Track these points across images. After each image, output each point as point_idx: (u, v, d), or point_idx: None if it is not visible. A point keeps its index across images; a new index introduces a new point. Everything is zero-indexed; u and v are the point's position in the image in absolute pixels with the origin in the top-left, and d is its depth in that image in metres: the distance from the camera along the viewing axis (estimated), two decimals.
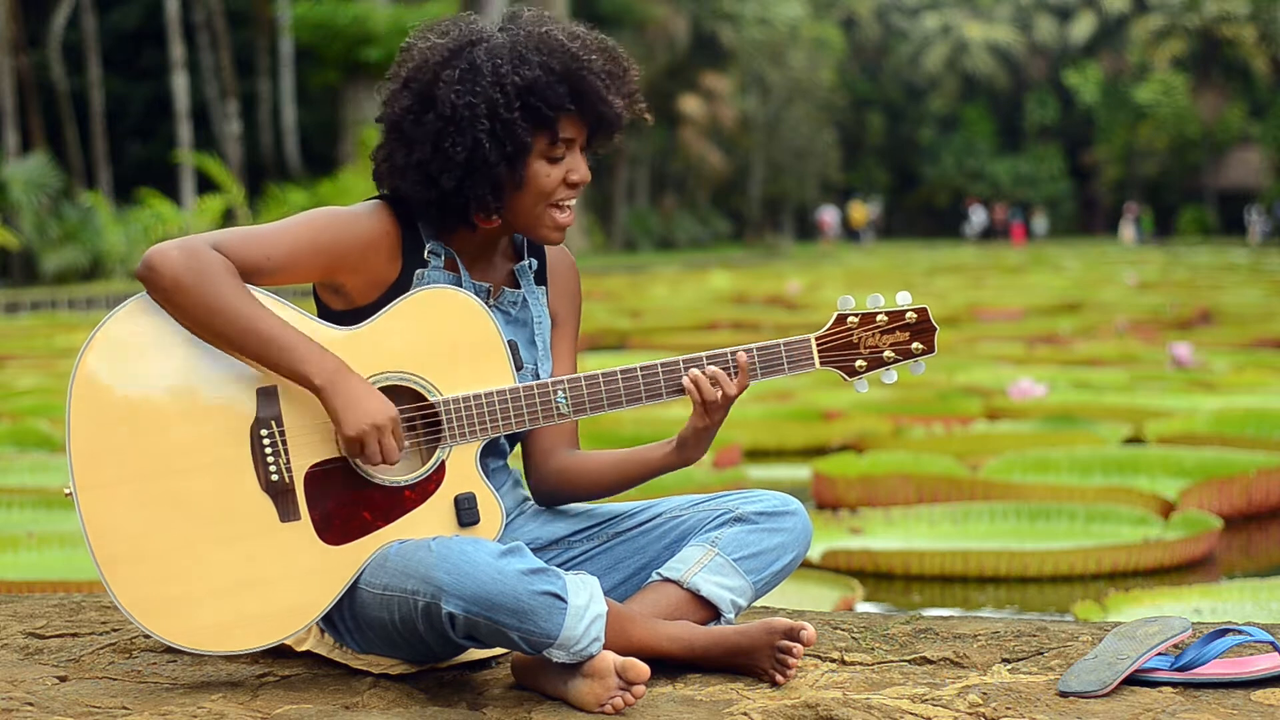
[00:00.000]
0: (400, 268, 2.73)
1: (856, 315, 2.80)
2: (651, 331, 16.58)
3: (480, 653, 2.77)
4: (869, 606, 5.30)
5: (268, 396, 2.63)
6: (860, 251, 48.34)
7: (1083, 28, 62.73)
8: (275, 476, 2.62)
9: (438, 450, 2.68)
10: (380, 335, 2.67)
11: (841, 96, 59.85)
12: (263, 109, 37.49)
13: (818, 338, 2.79)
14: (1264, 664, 2.68)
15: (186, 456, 2.61)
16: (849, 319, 2.80)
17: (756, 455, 8.18)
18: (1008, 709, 2.55)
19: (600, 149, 2.81)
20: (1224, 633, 2.72)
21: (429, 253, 2.75)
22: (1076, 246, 50.31)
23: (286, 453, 2.63)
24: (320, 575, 2.64)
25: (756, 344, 2.77)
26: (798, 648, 2.67)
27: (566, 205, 2.76)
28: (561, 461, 2.87)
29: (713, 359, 2.75)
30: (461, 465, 2.69)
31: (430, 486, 2.68)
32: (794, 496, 2.89)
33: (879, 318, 2.80)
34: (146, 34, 37.86)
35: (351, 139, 31.80)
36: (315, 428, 2.64)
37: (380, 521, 2.66)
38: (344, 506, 2.65)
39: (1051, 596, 5.44)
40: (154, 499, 2.60)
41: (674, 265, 37.36)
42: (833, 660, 2.84)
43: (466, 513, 2.68)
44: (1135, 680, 2.66)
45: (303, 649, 2.78)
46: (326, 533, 2.64)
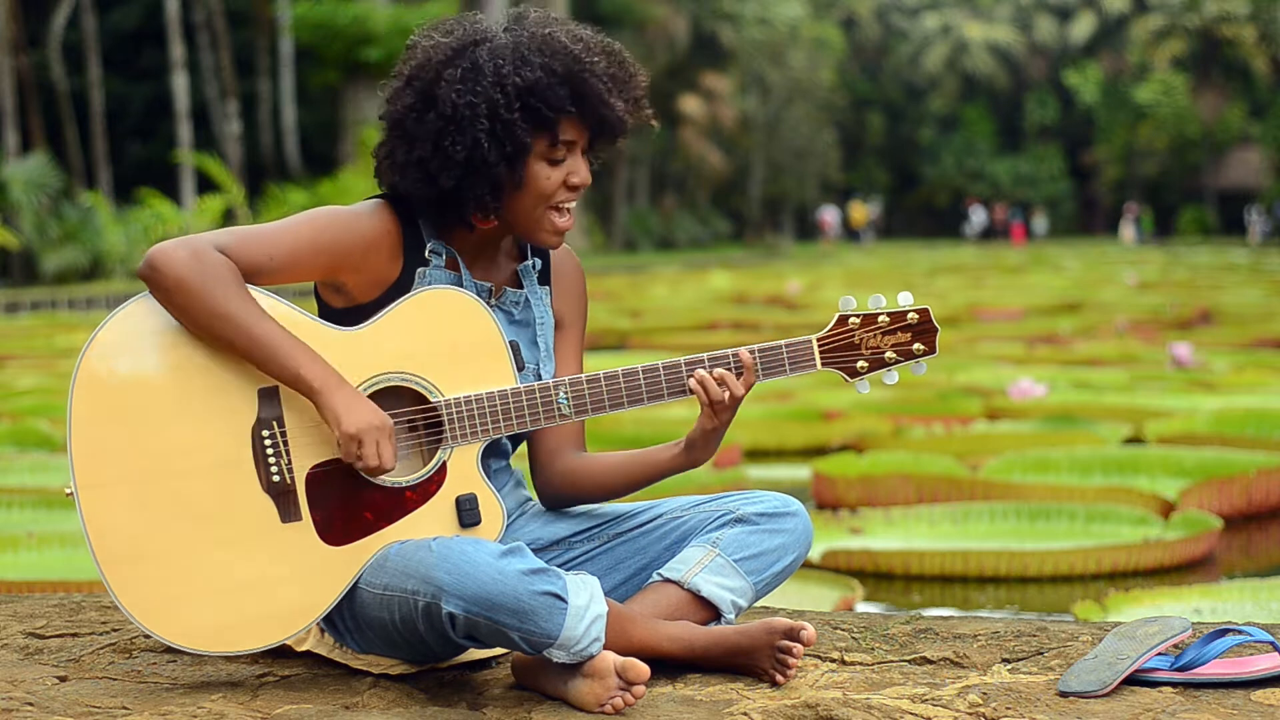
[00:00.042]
0: (401, 266, 2.73)
1: (858, 316, 2.79)
2: (651, 331, 16.58)
3: (480, 653, 2.77)
4: (869, 606, 5.30)
5: (269, 397, 2.63)
6: (860, 251, 48.33)
7: (1083, 28, 62.73)
8: (276, 477, 2.62)
9: (439, 451, 2.68)
10: (381, 336, 2.67)
11: (841, 96, 59.84)
12: (263, 109, 37.49)
13: (819, 338, 2.78)
14: (1264, 664, 2.68)
15: (188, 457, 2.61)
16: (851, 320, 2.79)
17: (756, 455, 8.18)
18: (1008, 709, 2.55)
19: (603, 153, 2.80)
20: (1224, 633, 2.72)
21: (430, 251, 2.75)
22: (1076, 246, 50.31)
23: (288, 453, 2.63)
24: (321, 576, 2.64)
25: (758, 345, 2.77)
26: (798, 648, 2.67)
27: (566, 208, 2.75)
28: (568, 464, 2.86)
29: (715, 360, 2.74)
30: (463, 466, 2.69)
31: (431, 487, 2.68)
32: (794, 497, 2.88)
33: (881, 318, 2.80)
34: (146, 34, 37.86)
35: (351, 139, 31.79)
36: (317, 429, 2.64)
37: (381, 522, 2.66)
38: (345, 507, 2.65)
39: (1051, 596, 5.44)
40: (155, 499, 2.60)
41: (674, 265, 37.36)
42: (833, 660, 2.84)
43: (468, 513, 2.68)
44: (1135, 680, 2.66)
45: (303, 649, 2.78)
46: (327, 533, 2.64)
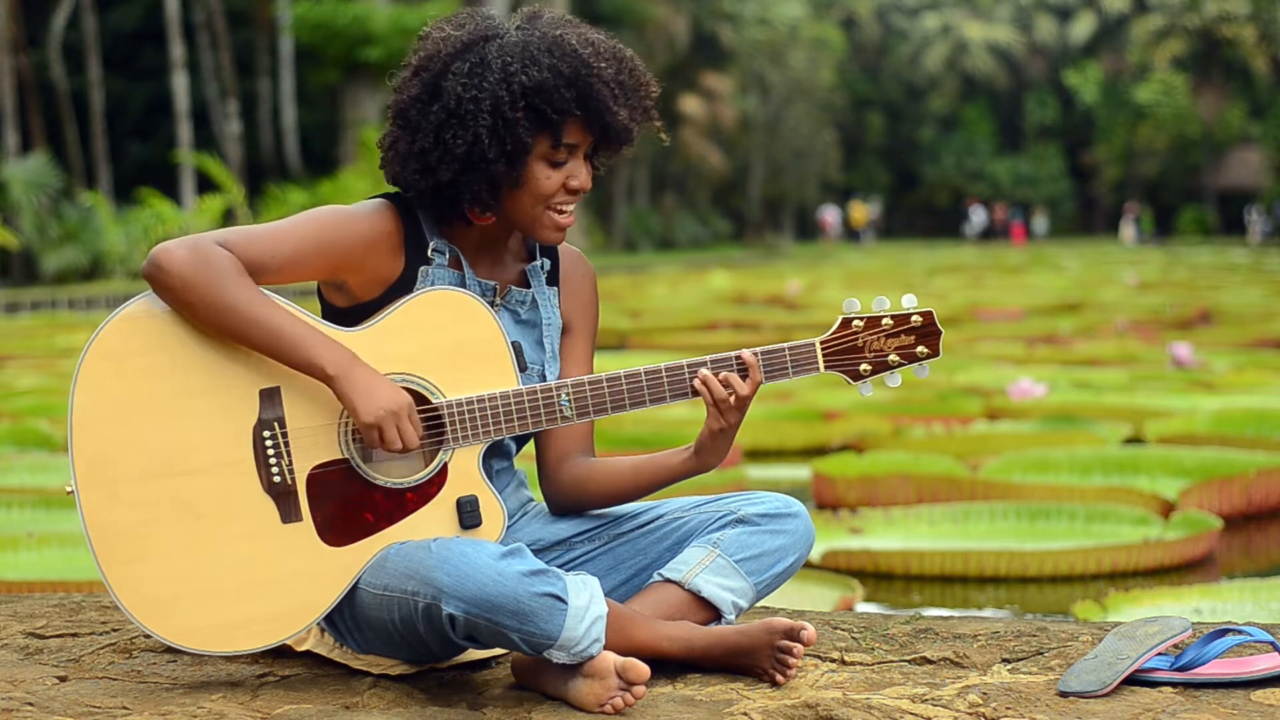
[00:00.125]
0: (403, 265, 2.72)
1: (861, 319, 2.78)
2: (651, 331, 16.58)
3: (480, 653, 2.77)
4: (869, 606, 5.30)
5: (271, 398, 2.63)
6: (860, 251, 48.33)
7: (1083, 28, 62.73)
8: (277, 478, 2.62)
9: (440, 452, 2.68)
10: (383, 337, 2.67)
11: (841, 96, 59.83)
12: (263, 109, 37.49)
13: (822, 341, 2.77)
14: (1264, 664, 2.68)
15: (188, 457, 2.61)
16: (854, 322, 2.78)
17: (756, 455, 8.18)
18: (1008, 709, 2.55)
19: (607, 160, 2.79)
20: (1224, 633, 2.72)
21: (433, 250, 2.74)
22: (1076, 246, 50.31)
23: (289, 454, 2.63)
24: (321, 576, 2.64)
25: (761, 347, 2.76)
26: (798, 648, 2.67)
27: (565, 209, 2.75)
28: (576, 469, 2.85)
29: (717, 362, 2.74)
30: (464, 467, 2.68)
31: (432, 489, 2.68)
32: (794, 497, 2.88)
33: (884, 321, 2.79)
34: (146, 34, 37.85)
35: (351, 139, 31.76)
36: (318, 430, 2.64)
37: (382, 523, 2.65)
38: (346, 508, 2.65)
39: (1051, 596, 5.44)
40: (156, 499, 2.60)
41: (674, 265, 37.35)
42: (833, 660, 2.84)
43: (468, 515, 2.67)
44: (1135, 680, 2.66)
45: (303, 649, 2.78)
46: (328, 534, 2.64)
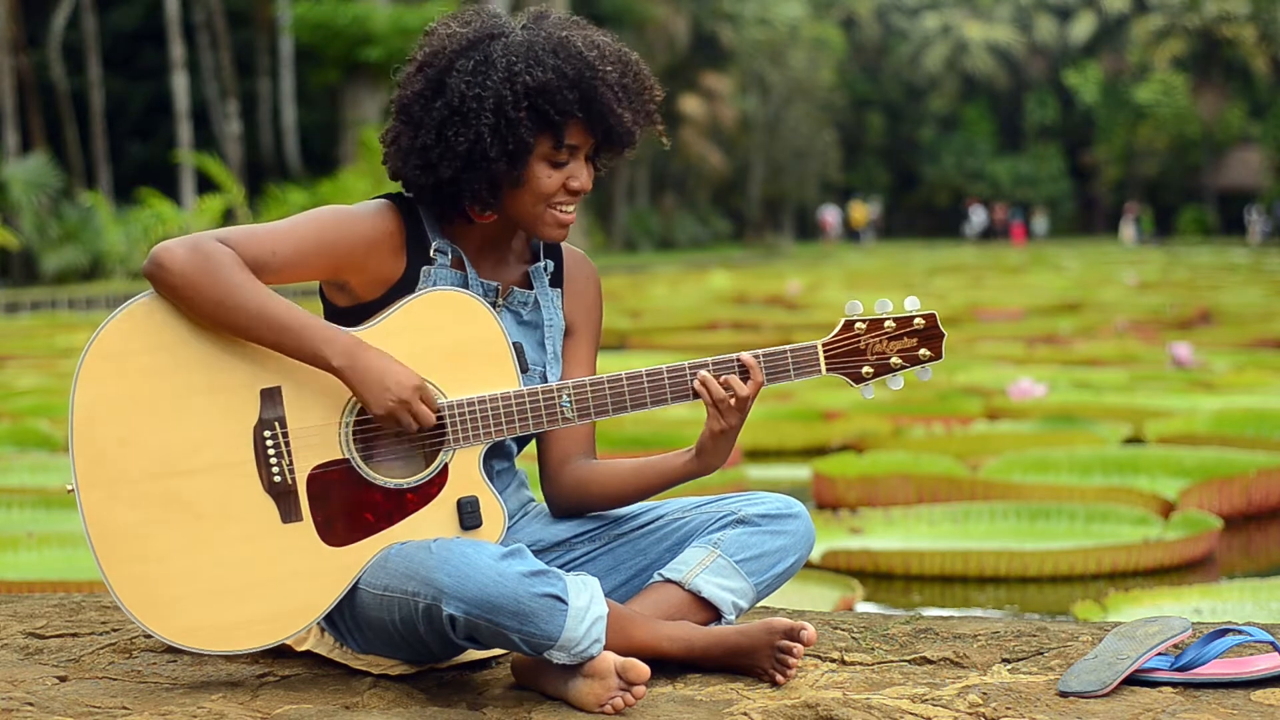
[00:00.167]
0: (405, 265, 2.72)
1: (864, 321, 2.78)
2: (651, 331, 16.58)
3: (480, 653, 2.77)
4: (869, 606, 5.30)
5: (271, 398, 2.63)
6: (860, 251, 48.33)
7: (1083, 28, 62.73)
8: (278, 477, 2.62)
9: (441, 453, 2.68)
10: (385, 337, 2.66)
11: (841, 96, 59.83)
12: (263, 109, 37.49)
13: (825, 344, 2.77)
14: (1264, 664, 2.68)
15: (189, 456, 2.61)
16: (856, 325, 2.77)
17: (756, 455, 8.18)
18: (1008, 709, 2.55)
19: (608, 163, 2.79)
20: (1224, 633, 2.72)
21: (435, 250, 2.74)
22: (1076, 246, 50.31)
23: (289, 454, 2.63)
24: (321, 576, 2.64)
25: (763, 349, 2.76)
26: (798, 648, 2.67)
27: (566, 209, 2.75)
28: (578, 472, 2.84)
29: (719, 364, 2.74)
30: (465, 468, 2.68)
31: (433, 489, 2.68)
32: (794, 497, 2.88)
33: (887, 324, 2.78)
34: (146, 34, 37.85)
35: (351, 139, 31.75)
36: (319, 429, 2.64)
37: (382, 523, 2.65)
38: (346, 508, 2.65)
39: (1051, 596, 5.44)
40: (156, 498, 2.60)
41: (674, 265, 37.36)
42: (833, 660, 2.84)
43: (469, 516, 2.67)
44: (1135, 680, 2.66)
45: (303, 649, 2.78)
46: (328, 534, 2.64)
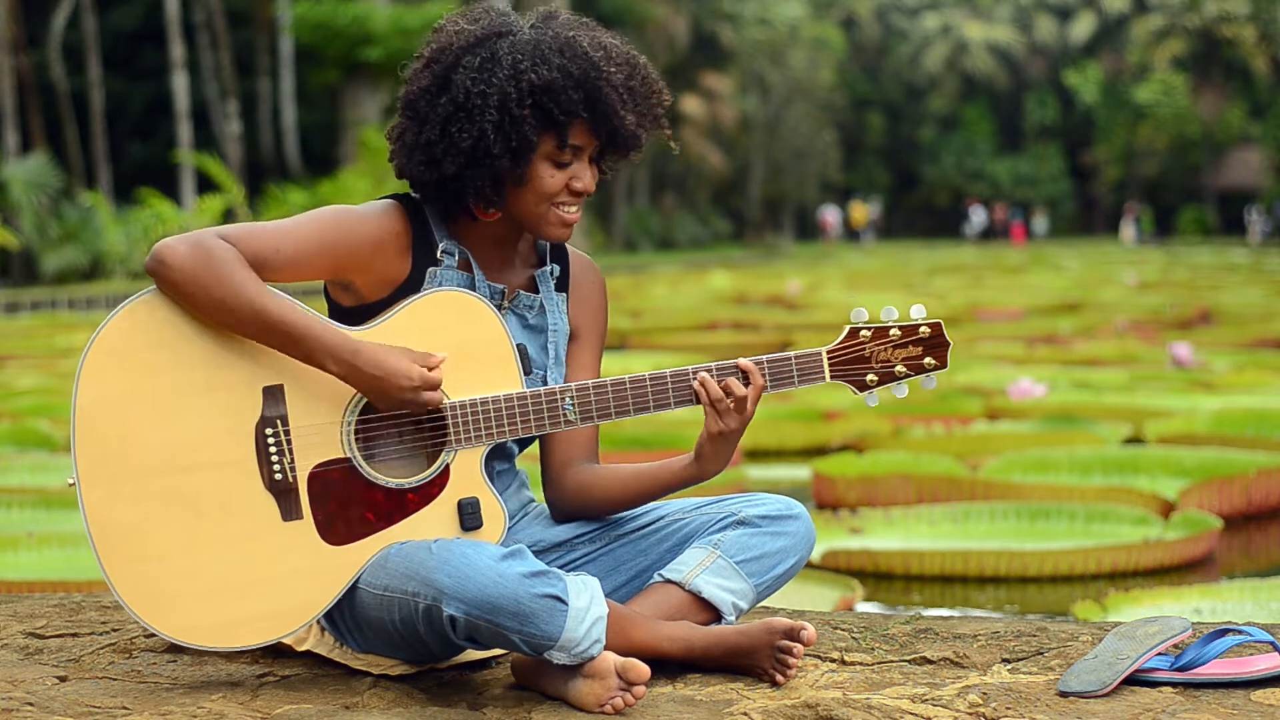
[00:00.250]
0: (411, 266, 2.72)
1: (869, 328, 2.77)
2: (651, 331, 16.58)
3: (480, 653, 2.77)
4: (869, 606, 5.30)
5: (273, 395, 2.63)
6: (860, 252, 48.33)
7: (1083, 28, 62.72)
8: (279, 475, 2.62)
9: (443, 453, 2.68)
10: (387, 337, 2.66)
11: (841, 96, 59.83)
12: (263, 109, 37.49)
13: (829, 351, 2.77)
14: (1264, 664, 2.68)
15: (190, 453, 2.61)
16: (861, 332, 2.77)
17: (756, 455, 8.18)
18: (1008, 709, 2.55)
19: (613, 165, 2.79)
20: (1224, 633, 2.72)
21: (442, 252, 2.74)
22: (1076, 246, 50.31)
23: (291, 452, 2.63)
24: (321, 575, 2.64)
25: (767, 355, 2.75)
26: (798, 648, 2.67)
27: (569, 209, 2.75)
28: (580, 476, 2.84)
29: (722, 369, 2.74)
30: (466, 469, 2.68)
31: (434, 490, 2.68)
32: (794, 497, 2.88)
33: (892, 331, 2.78)
34: (146, 34, 37.85)
35: (351, 139, 31.76)
36: (320, 428, 2.64)
37: (383, 523, 2.66)
38: (347, 507, 2.65)
39: (1051, 596, 5.44)
40: (157, 495, 2.60)
41: (674, 265, 37.36)
42: (833, 660, 2.84)
43: (469, 517, 2.67)
44: (1135, 680, 2.66)
45: (303, 649, 2.78)
46: (328, 533, 2.64)
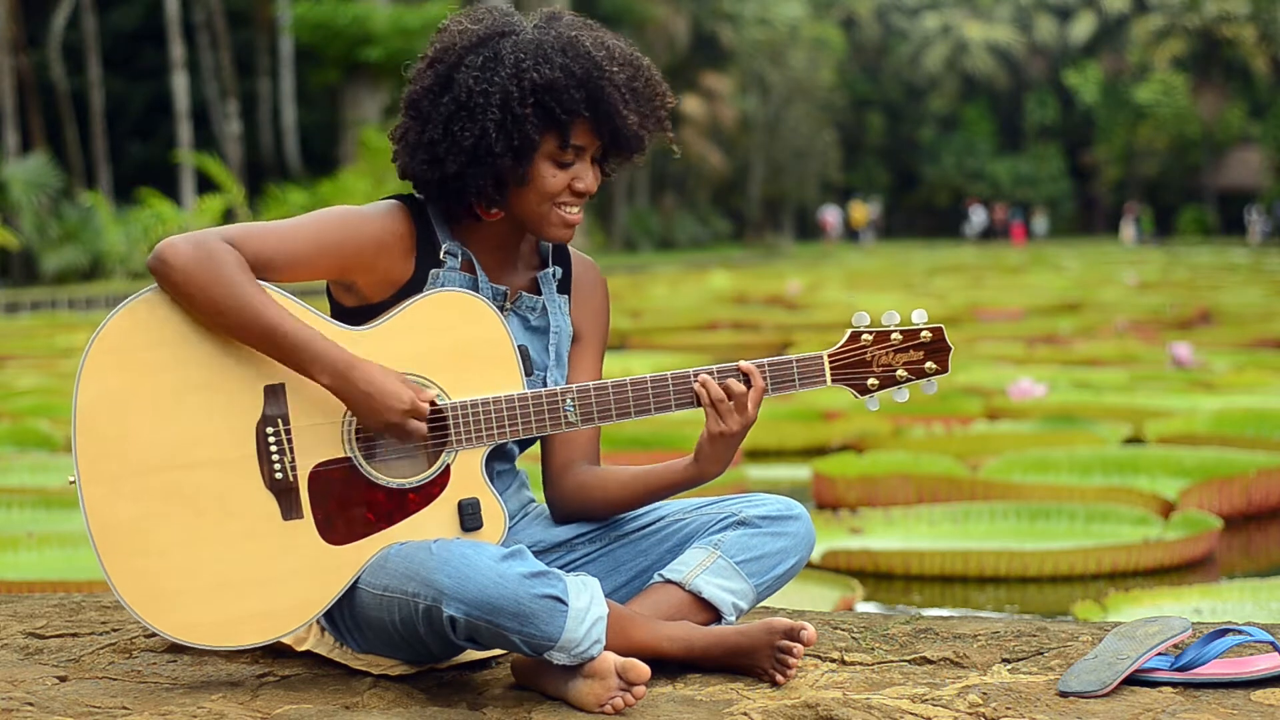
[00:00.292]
0: (414, 267, 2.72)
1: (870, 333, 2.77)
2: (651, 331, 16.58)
3: (480, 653, 2.77)
4: (869, 606, 5.30)
5: (274, 394, 2.63)
6: (860, 252, 48.33)
7: (1083, 28, 62.72)
8: (279, 474, 2.62)
9: (443, 454, 2.68)
10: (389, 337, 2.66)
11: (841, 96, 59.83)
12: (263, 109, 37.49)
13: (830, 354, 2.77)
14: (1264, 664, 2.68)
15: (191, 452, 2.61)
16: (863, 336, 2.77)
17: (756, 455, 8.18)
18: (1008, 709, 2.55)
19: (616, 166, 2.79)
20: (1224, 633, 2.72)
21: (445, 253, 2.74)
22: (1076, 246, 50.31)
23: (291, 451, 2.63)
24: (321, 574, 2.64)
25: (769, 359, 2.75)
26: (798, 648, 2.67)
27: (571, 209, 2.75)
28: (581, 478, 2.84)
29: (723, 371, 2.74)
30: (466, 469, 2.68)
31: (434, 490, 2.68)
32: (794, 497, 2.88)
33: (893, 336, 2.78)
34: (146, 34, 37.85)
35: (351, 139, 31.75)
36: (321, 427, 2.64)
37: (383, 523, 2.66)
38: (347, 507, 2.65)
39: (1051, 596, 5.44)
40: (157, 492, 2.60)
41: (674, 265, 37.35)
42: (833, 660, 2.84)
43: (470, 518, 2.67)
44: (1135, 680, 2.66)
45: (303, 649, 2.78)
46: (328, 532, 2.64)
